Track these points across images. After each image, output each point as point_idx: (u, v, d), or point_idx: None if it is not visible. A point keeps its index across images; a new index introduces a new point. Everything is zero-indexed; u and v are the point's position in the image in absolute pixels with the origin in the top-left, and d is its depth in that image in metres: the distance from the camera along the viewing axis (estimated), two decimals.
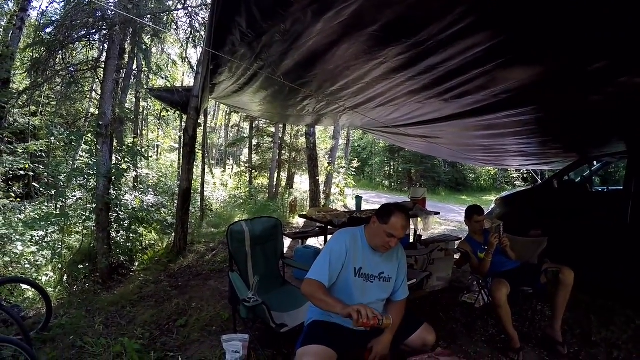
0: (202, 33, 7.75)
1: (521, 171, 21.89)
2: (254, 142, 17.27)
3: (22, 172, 7.30)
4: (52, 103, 10.26)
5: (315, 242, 7.10)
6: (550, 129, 4.66)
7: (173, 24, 8.57)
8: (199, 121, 6.92)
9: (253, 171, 16.85)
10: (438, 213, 6.39)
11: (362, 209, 5.63)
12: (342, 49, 2.79)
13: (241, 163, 20.37)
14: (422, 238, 5.78)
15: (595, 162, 6.64)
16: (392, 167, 29.49)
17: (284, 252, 3.99)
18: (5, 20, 9.60)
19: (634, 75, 2.59)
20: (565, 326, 3.50)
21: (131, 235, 6.13)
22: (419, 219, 5.71)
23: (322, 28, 2.46)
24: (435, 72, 2.96)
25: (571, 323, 3.92)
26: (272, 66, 3.39)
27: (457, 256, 4.80)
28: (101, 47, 7.20)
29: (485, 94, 3.35)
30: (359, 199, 6.15)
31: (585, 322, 4.04)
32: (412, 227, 5.93)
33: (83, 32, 6.16)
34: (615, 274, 4.72)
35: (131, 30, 5.99)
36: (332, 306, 2.20)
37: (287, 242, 7.11)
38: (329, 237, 4.93)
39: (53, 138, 9.26)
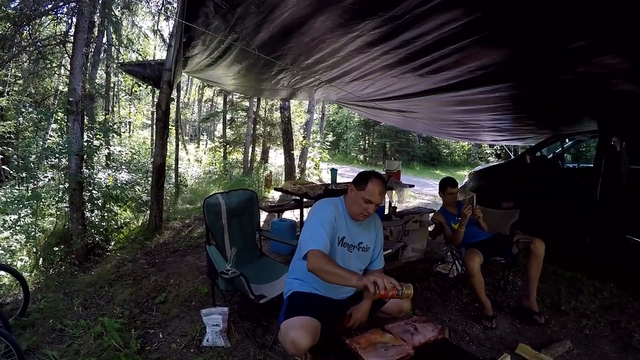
0: (175, 5, 7.55)
1: (495, 147, 22.16)
2: (228, 116, 16.95)
3: None
4: (19, 82, 9.86)
5: (291, 215, 7.14)
6: (524, 106, 4.72)
7: None
8: (172, 96, 6.78)
9: (227, 146, 16.56)
10: (412, 186, 6.47)
11: (337, 182, 5.63)
12: (318, 22, 2.76)
13: (215, 138, 20.06)
14: (397, 210, 5.87)
15: (567, 140, 6.76)
16: (367, 142, 29.59)
17: (261, 225, 4.00)
18: None
19: (611, 55, 2.61)
20: (537, 296, 3.63)
21: (106, 214, 6.01)
22: (393, 191, 5.76)
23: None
24: (411, 46, 2.96)
25: (542, 293, 4.08)
26: (247, 39, 3.34)
27: (431, 228, 4.90)
28: (70, 21, 6.93)
29: (461, 70, 3.37)
30: (334, 172, 6.12)
31: (555, 292, 4.22)
32: (387, 199, 6.00)
33: (50, 5, 5.90)
34: (584, 246, 4.92)
35: (101, 1, 5.76)
36: (347, 279, 2.08)
37: (263, 216, 7.10)
38: (305, 210, 4.96)
39: (21, 118, 8.93)
